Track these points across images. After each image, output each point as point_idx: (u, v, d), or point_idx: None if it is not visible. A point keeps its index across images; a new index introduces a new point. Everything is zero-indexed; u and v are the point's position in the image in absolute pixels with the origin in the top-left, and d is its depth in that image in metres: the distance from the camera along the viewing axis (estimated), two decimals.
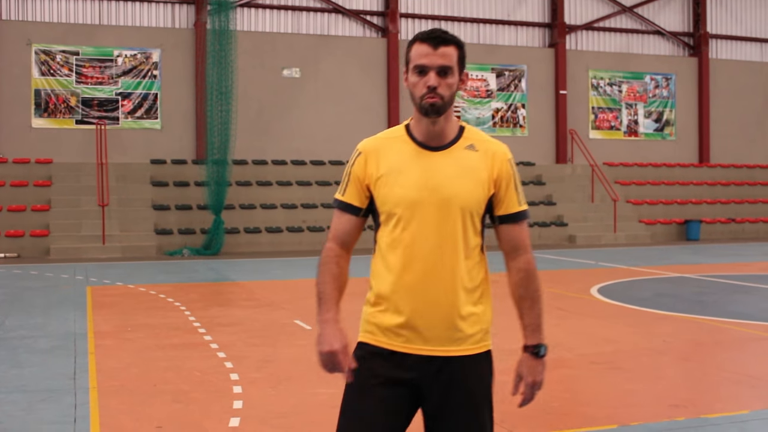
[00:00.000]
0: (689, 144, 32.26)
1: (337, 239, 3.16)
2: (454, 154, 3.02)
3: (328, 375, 3.05)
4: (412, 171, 2.99)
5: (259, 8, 27.39)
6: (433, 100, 2.94)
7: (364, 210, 3.10)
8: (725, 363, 8.20)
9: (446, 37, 3.00)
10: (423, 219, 2.96)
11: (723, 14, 33.28)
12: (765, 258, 20.64)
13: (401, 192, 2.97)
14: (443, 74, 2.96)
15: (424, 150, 3.02)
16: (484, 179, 3.01)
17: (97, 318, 10.90)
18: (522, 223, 3.10)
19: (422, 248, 2.96)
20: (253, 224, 24.03)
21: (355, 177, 3.08)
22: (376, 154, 3.06)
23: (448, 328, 2.96)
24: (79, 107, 24.98)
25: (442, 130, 3.02)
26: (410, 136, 3.06)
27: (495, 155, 3.05)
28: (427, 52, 2.97)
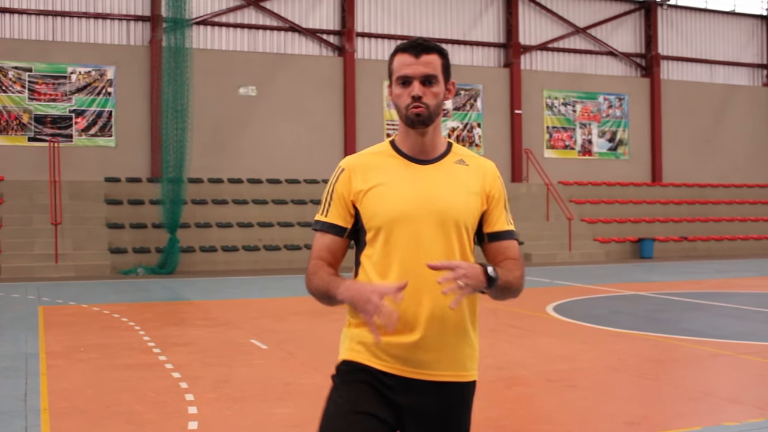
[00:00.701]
0: (642, 163, 32.72)
1: (321, 257, 2.97)
2: (444, 167, 2.92)
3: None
4: (402, 184, 2.87)
5: (215, 26, 27.32)
6: (419, 110, 2.83)
7: (349, 230, 2.96)
8: (679, 380, 8.29)
9: (428, 45, 2.89)
10: (417, 233, 2.83)
11: (674, 36, 33.88)
12: (717, 276, 20.95)
13: (392, 205, 2.84)
14: (427, 83, 2.85)
15: (414, 163, 2.91)
16: (477, 194, 2.91)
17: (49, 338, 10.73)
18: (510, 242, 2.97)
19: (417, 264, 2.79)
20: (209, 243, 23.87)
21: (339, 194, 2.93)
22: (362, 169, 2.92)
23: (443, 351, 2.84)
24: (32, 124, 24.66)
25: (432, 143, 2.92)
26: (397, 150, 2.95)
27: (486, 171, 2.97)
28: (410, 61, 2.87)
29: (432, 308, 2.80)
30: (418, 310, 2.80)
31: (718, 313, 13.40)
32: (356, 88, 28.06)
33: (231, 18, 27.51)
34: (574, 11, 32.07)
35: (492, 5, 30.75)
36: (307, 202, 26.14)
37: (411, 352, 2.81)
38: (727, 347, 9.89)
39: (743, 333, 11.03)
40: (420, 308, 2.80)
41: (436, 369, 2.84)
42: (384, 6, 29.31)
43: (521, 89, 30.53)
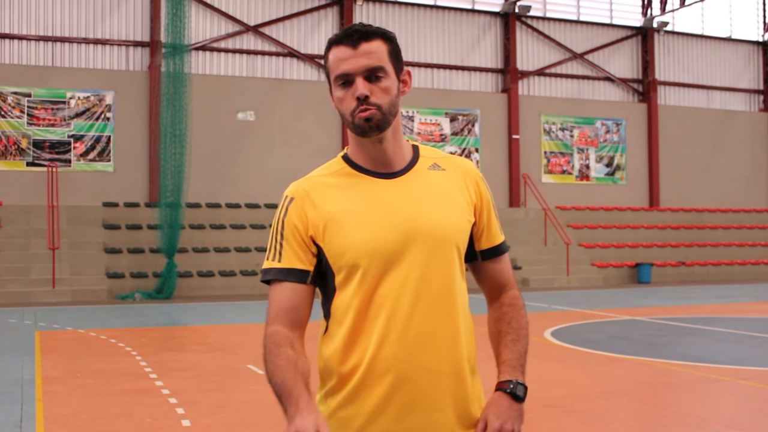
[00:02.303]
0: (640, 188, 32.77)
1: (282, 319, 2.30)
2: (416, 177, 2.34)
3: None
4: (371, 207, 2.27)
5: (214, 52, 27.44)
6: (367, 113, 2.23)
7: (311, 274, 2.31)
8: (677, 405, 8.28)
9: (367, 30, 2.31)
10: (401, 267, 2.24)
11: (671, 62, 34.05)
12: (714, 301, 20.93)
13: (364, 235, 2.23)
14: (374, 78, 2.26)
15: (378, 179, 2.32)
16: (462, 204, 2.35)
17: (45, 363, 10.70)
18: (505, 257, 2.49)
19: (402, 307, 2.23)
20: (207, 268, 23.85)
21: (292, 230, 2.32)
22: (315, 195, 2.33)
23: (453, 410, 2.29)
24: (30, 149, 24.71)
25: (394, 150, 2.33)
26: (353, 166, 2.36)
27: (467, 174, 2.41)
28: (346, 54, 2.28)
29: (434, 364, 2.25)
30: (416, 366, 2.24)
31: (715, 338, 13.39)
32: None
33: (230, 43, 27.64)
34: (571, 37, 32.24)
35: (490, 31, 30.92)
36: None
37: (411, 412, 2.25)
38: (725, 373, 9.88)
39: (740, 358, 11.02)
40: (418, 364, 2.24)
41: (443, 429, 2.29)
42: None
43: (519, 114, 30.63)
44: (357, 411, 2.26)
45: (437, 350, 2.25)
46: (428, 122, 29.33)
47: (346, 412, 2.27)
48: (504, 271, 2.49)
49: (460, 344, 2.30)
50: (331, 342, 2.32)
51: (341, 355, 2.29)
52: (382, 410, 2.24)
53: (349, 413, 2.27)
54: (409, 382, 2.23)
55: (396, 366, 2.22)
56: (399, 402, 2.23)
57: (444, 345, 2.26)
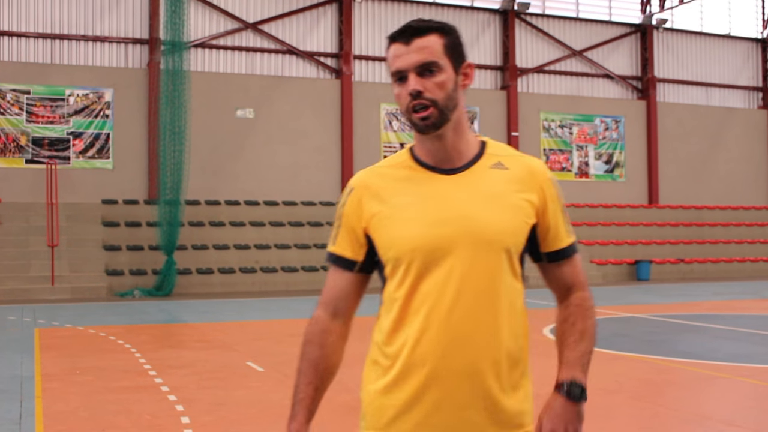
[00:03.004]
0: (639, 185, 32.77)
1: (327, 305, 2.40)
2: (476, 175, 2.31)
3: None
4: (423, 203, 2.26)
5: (213, 49, 27.42)
6: (423, 112, 2.23)
7: (360, 264, 2.37)
8: (677, 402, 8.27)
9: (421, 26, 2.28)
10: (444, 265, 2.24)
11: (670, 59, 34.04)
12: (713, 298, 20.94)
13: (412, 230, 2.25)
14: (427, 73, 2.24)
15: (438, 174, 2.31)
16: (521, 205, 2.31)
17: (44, 360, 10.69)
18: (574, 259, 2.43)
19: (443, 304, 2.23)
20: (206, 265, 23.85)
21: (348, 221, 2.36)
22: (374, 187, 2.34)
23: (485, 409, 2.25)
24: (29, 146, 24.69)
25: (455, 146, 2.31)
26: (416, 160, 2.35)
27: (533, 173, 2.36)
28: (401, 51, 2.26)
29: (468, 364, 2.23)
30: (450, 364, 2.23)
31: (714, 335, 13.39)
32: (353, 111, 28.13)
33: (229, 41, 27.62)
34: (570, 34, 32.23)
35: (489, 28, 30.90)
36: (304, 224, 26.14)
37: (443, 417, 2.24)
38: (724, 370, 9.88)
39: (740, 355, 11.02)
40: (453, 363, 2.23)
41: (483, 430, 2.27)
42: (381, 29, 29.43)
43: (518, 111, 30.63)
44: (392, 401, 2.28)
45: (474, 350, 2.24)
46: None
47: (384, 401, 2.29)
48: (571, 273, 2.45)
49: (500, 346, 2.27)
50: (380, 329, 2.35)
51: (386, 343, 2.32)
52: (414, 404, 2.25)
53: (386, 402, 2.29)
54: (443, 380, 2.23)
55: (431, 362, 2.23)
56: (431, 398, 2.24)
57: (482, 346, 2.24)
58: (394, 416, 2.27)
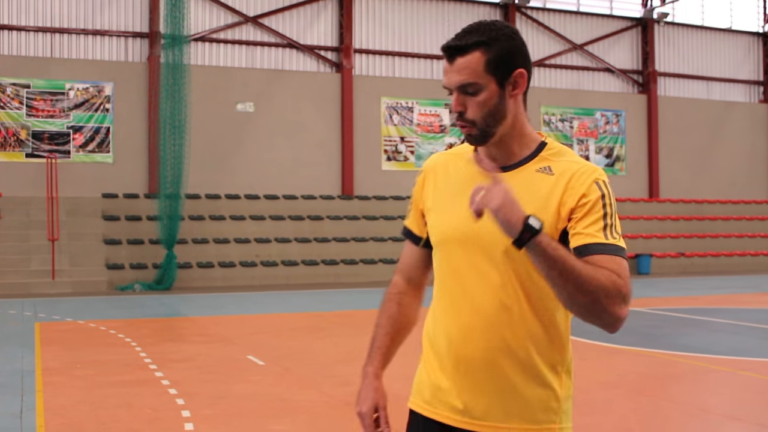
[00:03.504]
0: (639, 179, 32.76)
1: (402, 272, 2.64)
2: (520, 177, 2.33)
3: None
4: (464, 197, 2.25)
5: (213, 43, 27.38)
6: (466, 131, 2.33)
7: (424, 240, 2.55)
8: (676, 396, 8.28)
9: (460, 44, 2.31)
10: (468, 261, 2.35)
11: (670, 53, 33.99)
12: (714, 292, 20.95)
13: (446, 222, 2.40)
14: (469, 93, 2.30)
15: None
16: (555, 211, 2.28)
17: (45, 354, 10.70)
18: (610, 257, 2.22)
19: (458, 295, 2.38)
20: (206, 259, 23.86)
21: (415, 200, 2.57)
22: (435, 175, 2.50)
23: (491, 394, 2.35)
24: (30, 140, 24.67)
25: (506, 149, 2.38)
26: (475, 153, 2.42)
27: (575, 177, 2.30)
28: (446, 68, 2.34)
29: (485, 349, 2.33)
30: (467, 351, 2.36)
31: (715, 329, 13.40)
32: (354, 104, 28.10)
33: (229, 34, 27.58)
34: (571, 28, 32.19)
35: None
36: (305, 218, 26.14)
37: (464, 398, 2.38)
38: (725, 363, 9.88)
39: (740, 349, 11.03)
40: (470, 349, 2.35)
41: (493, 420, 2.35)
42: (382, 22, 29.39)
43: None
44: (421, 376, 2.52)
45: (487, 342, 2.33)
46: (428, 113, 29.29)
47: (418, 377, 2.54)
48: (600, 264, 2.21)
49: (517, 341, 2.32)
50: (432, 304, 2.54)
51: (427, 320, 2.55)
52: (437, 378, 2.43)
53: (418, 378, 2.53)
54: (459, 364, 2.37)
55: (449, 345, 2.40)
56: (449, 379, 2.39)
57: (496, 338, 2.32)
58: (419, 389, 2.50)
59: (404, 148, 28.80)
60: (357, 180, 27.63)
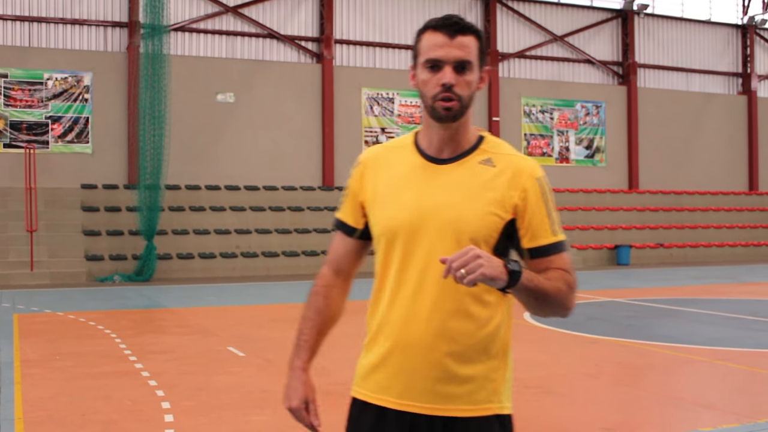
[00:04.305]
0: (619, 170, 32.90)
1: (331, 264, 2.69)
2: (464, 168, 2.46)
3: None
4: (409, 188, 2.45)
5: (193, 33, 27.24)
6: (449, 103, 2.40)
7: (360, 231, 2.60)
8: (655, 386, 8.34)
9: (465, 25, 2.42)
10: (415, 247, 2.42)
11: (650, 45, 34.13)
12: (692, 282, 21.09)
13: (392, 212, 2.45)
14: (461, 70, 2.41)
15: (429, 163, 2.48)
16: (499, 201, 2.41)
17: (24, 346, 10.64)
18: (556, 257, 2.46)
19: (407, 283, 2.44)
20: (186, 250, 23.77)
21: (352, 192, 2.60)
22: (375, 166, 2.56)
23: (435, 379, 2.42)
24: (8, 131, 24.47)
25: (455, 138, 2.48)
26: (417, 146, 2.53)
27: (517, 172, 2.46)
28: (442, 42, 2.40)
29: (427, 335, 2.41)
30: (410, 336, 2.43)
31: (693, 319, 13.49)
32: (335, 95, 28.05)
33: (209, 24, 27.45)
34: (551, 19, 32.24)
35: (470, 13, 30.84)
36: (285, 209, 26.09)
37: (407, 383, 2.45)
38: (702, 353, 9.96)
39: (718, 339, 11.11)
40: (413, 334, 2.42)
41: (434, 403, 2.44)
42: (362, 13, 29.34)
43: (499, 97, 30.64)
44: (365, 362, 2.56)
45: (431, 328, 2.41)
46: (409, 104, 29.28)
47: (362, 360, 2.58)
48: (553, 264, 2.47)
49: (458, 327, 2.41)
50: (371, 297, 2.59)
51: (369, 311, 2.58)
52: (379, 367, 2.50)
53: (362, 361, 2.58)
54: (402, 350, 2.44)
55: (394, 335, 2.45)
56: (392, 364, 2.47)
57: (439, 325, 2.40)
58: (365, 375, 2.55)
59: (385, 139, 28.77)
60: (337, 171, 27.58)
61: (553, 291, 2.36)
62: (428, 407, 2.43)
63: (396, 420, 2.46)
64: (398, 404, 2.46)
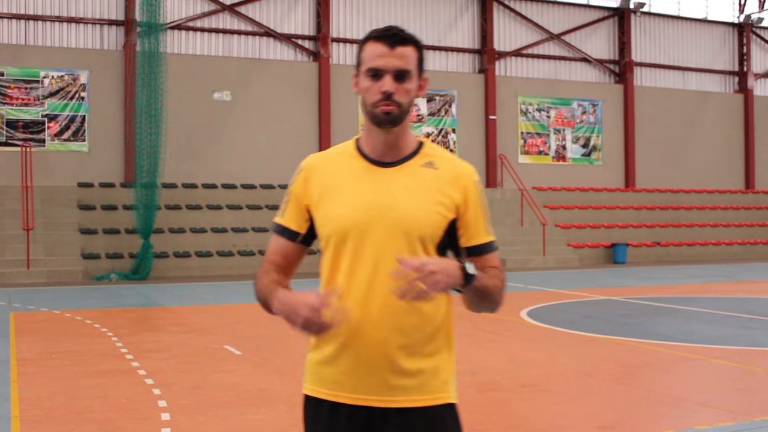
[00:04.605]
0: (616, 169, 32.92)
1: (272, 262, 2.74)
2: (408, 170, 2.61)
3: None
4: (356, 189, 2.59)
5: (190, 31, 27.22)
6: (389, 108, 2.55)
7: (302, 236, 2.71)
8: (651, 384, 8.35)
9: (404, 36, 2.57)
10: (361, 246, 2.54)
11: (647, 43, 34.15)
12: (688, 280, 21.11)
13: (341, 212, 2.57)
14: (400, 78, 2.56)
15: (374, 166, 2.62)
16: (443, 201, 2.58)
17: (20, 345, 10.64)
18: (490, 256, 2.67)
19: (359, 281, 2.54)
20: (183, 248, 23.75)
21: (295, 197, 2.70)
22: (319, 171, 2.67)
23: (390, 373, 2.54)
24: (4, 129, 24.44)
25: (397, 143, 2.62)
26: (359, 151, 2.68)
27: (458, 175, 2.63)
28: (383, 52, 2.56)
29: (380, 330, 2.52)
30: (361, 336, 2.54)
31: (689, 317, 13.51)
32: (331, 94, 28.04)
33: (206, 23, 27.42)
34: (548, 18, 32.25)
35: (467, 11, 30.86)
36: None
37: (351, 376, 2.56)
38: (699, 351, 9.98)
39: (714, 337, 11.13)
40: (366, 330, 2.53)
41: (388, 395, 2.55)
42: (359, 11, 29.33)
43: (496, 95, 30.64)
44: (317, 359, 2.63)
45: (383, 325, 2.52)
46: None
47: (312, 358, 2.66)
48: (487, 263, 2.66)
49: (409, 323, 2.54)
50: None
51: None
52: (331, 362, 2.59)
53: (313, 359, 2.65)
54: (354, 347, 2.54)
55: (346, 331, 2.51)
56: (344, 361, 2.56)
57: (391, 322, 2.52)
58: (316, 372, 2.64)
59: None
60: None
61: (495, 288, 2.56)
62: (382, 399, 2.55)
63: (350, 415, 2.57)
64: (352, 399, 2.56)
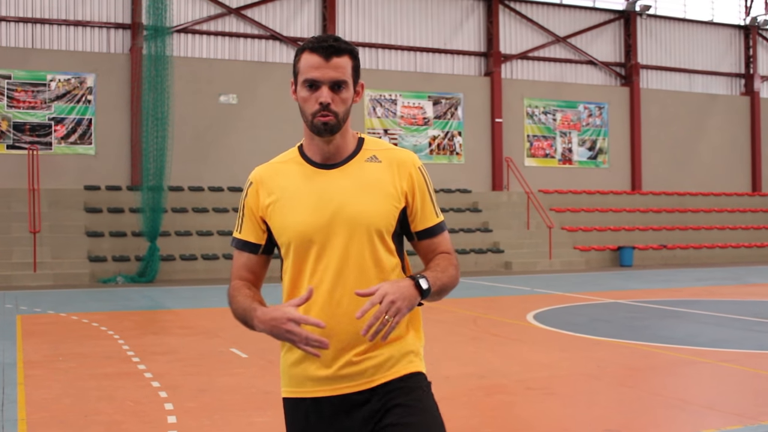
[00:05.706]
0: (622, 171, 32.87)
1: (240, 278, 2.83)
2: (353, 168, 2.72)
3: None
4: (308, 194, 2.68)
5: (196, 34, 27.26)
6: (326, 118, 2.64)
7: (263, 246, 2.81)
8: (658, 387, 8.33)
9: (339, 47, 2.65)
10: (324, 247, 2.65)
11: (653, 45, 34.11)
12: (695, 283, 21.06)
13: (297, 219, 2.67)
14: (337, 89, 2.66)
15: (320, 170, 2.72)
16: (392, 192, 2.69)
17: (27, 347, 10.65)
18: (440, 236, 2.79)
19: (326, 280, 2.64)
20: (189, 251, 23.77)
21: (249, 210, 2.79)
22: (268, 182, 2.77)
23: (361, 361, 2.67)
24: (11, 132, 24.50)
25: (338, 147, 2.73)
26: (303, 156, 2.79)
27: (401, 164, 2.74)
28: (318, 63, 2.65)
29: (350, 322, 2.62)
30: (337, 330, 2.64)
31: (696, 320, 13.48)
32: None
33: (212, 26, 27.47)
34: (554, 20, 32.23)
35: (473, 14, 30.87)
36: None
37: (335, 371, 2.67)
38: (706, 355, 9.95)
39: (721, 340, 11.10)
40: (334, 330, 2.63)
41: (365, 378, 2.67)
42: (365, 14, 29.35)
43: (502, 98, 30.63)
44: (291, 360, 2.75)
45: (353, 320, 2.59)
46: (411, 105, 29.29)
47: (287, 360, 2.77)
48: (439, 246, 2.79)
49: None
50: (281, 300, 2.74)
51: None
52: (306, 359, 2.69)
53: (288, 361, 2.77)
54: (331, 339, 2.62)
55: (318, 329, 2.57)
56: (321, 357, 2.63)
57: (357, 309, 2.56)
58: (293, 374, 2.75)
59: (388, 140, 28.77)
60: None
61: (450, 281, 2.69)
62: (362, 383, 2.66)
63: (334, 406, 2.68)
64: (333, 390, 2.67)
